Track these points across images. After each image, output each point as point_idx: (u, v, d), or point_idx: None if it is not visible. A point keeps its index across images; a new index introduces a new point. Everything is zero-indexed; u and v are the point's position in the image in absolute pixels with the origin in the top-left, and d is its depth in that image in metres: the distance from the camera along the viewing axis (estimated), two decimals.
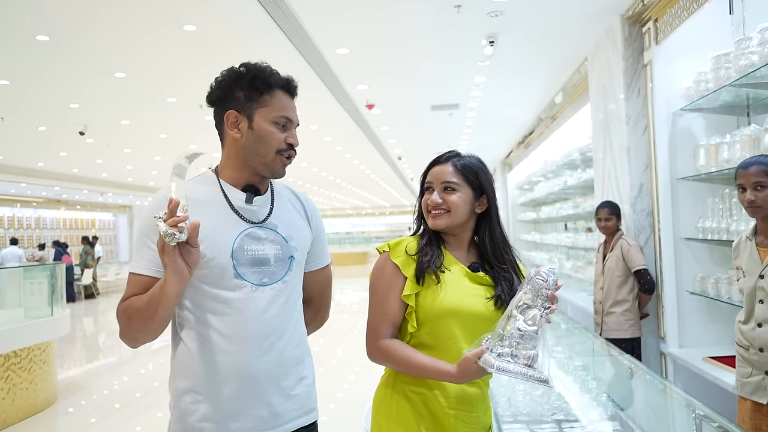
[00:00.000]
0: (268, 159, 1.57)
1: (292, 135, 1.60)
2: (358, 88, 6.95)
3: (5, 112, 8.01)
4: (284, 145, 1.58)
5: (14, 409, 4.98)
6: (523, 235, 11.62)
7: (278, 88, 1.58)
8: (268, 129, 1.56)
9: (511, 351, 1.41)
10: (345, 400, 5.43)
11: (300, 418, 1.59)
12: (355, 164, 15.02)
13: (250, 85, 1.56)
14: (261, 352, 1.52)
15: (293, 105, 1.62)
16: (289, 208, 1.69)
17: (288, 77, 1.62)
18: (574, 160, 6.81)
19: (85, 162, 13.45)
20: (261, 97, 1.56)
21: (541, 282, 1.45)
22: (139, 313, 1.44)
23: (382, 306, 1.64)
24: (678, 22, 3.86)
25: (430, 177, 1.73)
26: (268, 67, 1.60)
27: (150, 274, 1.49)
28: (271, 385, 1.53)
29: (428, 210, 1.70)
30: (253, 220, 1.58)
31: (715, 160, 3.57)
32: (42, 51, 5.46)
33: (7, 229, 17.99)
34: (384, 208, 36.83)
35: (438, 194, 1.68)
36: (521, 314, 1.43)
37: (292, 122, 1.60)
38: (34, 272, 6.24)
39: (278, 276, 1.57)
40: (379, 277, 1.67)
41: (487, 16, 4.64)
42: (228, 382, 1.49)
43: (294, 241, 1.62)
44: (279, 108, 1.57)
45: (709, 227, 3.71)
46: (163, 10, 4.60)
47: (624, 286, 4.15)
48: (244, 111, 1.56)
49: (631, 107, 4.44)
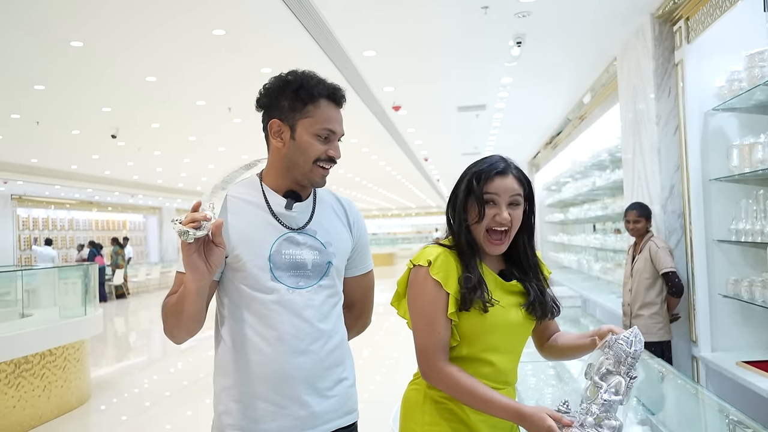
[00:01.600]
0: (306, 170, 1.57)
1: (334, 147, 1.59)
2: (385, 90, 6.96)
3: (40, 117, 8.21)
4: (324, 156, 1.57)
5: (50, 406, 5.10)
6: (551, 236, 11.51)
7: (323, 98, 1.57)
8: (308, 141, 1.56)
9: (595, 421, 1.33)
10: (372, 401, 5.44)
11: (340, 419, 1.60)
12: (382, 166, 15.04)
13: (294, 95, 1.55)
14: (296, 354, 1.54)
15: (338, 116, 1.60)
16: (331, 214, 1.69)
17: (334, 87, 1.59)
18: (602, 160, 6.73)
19: (117, 164, 13.71)
20: (305, 108, 1.55)
21: (623, 347, 1.37)
22: (171, 309, 1.51)
23: (433, 326, 1.55)
24: (710, 20, 3.79)
25: (496, 189, 1.58)
26: (314, 76, 1.58)
27: None
28: (308, 386, 1.55)
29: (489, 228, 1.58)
30: (293, 225, 1.59)
31: (749, 161, 3.49)
32: (76, 56, 5.59)
33: (42, 230, 18.41)
34: (410, 210, 36.83)
35: (506, 210, 1.58)
36: (603, 381, 1.36)
37: (335, 134, 1.59)
38: (68, 273, 6.39)
39: (314, 280, 1.58)
40: (422, 296, 1.57)
41: (514, 16, 4.62)
42: (264, 382, 1.52)
43: (332, 247, 1.63)
44: (322, 120, 1.56)
45: (742, 229, 3.63)
46: (193, 15, 4.67)
47: (652, 289, 4.09)
48: (287, 121, 1.57)
49: (662, 107, 4.37)
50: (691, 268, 4.11)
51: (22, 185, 15.13)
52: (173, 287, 1.56)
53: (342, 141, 1.64)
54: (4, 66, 5.88)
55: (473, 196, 1.60)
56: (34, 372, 4.95)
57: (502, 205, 1.58)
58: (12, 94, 7.05)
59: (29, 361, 4.91)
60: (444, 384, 1.54)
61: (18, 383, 4.78)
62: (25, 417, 4.82)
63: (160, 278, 19.05)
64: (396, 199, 29.66)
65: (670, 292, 4.05)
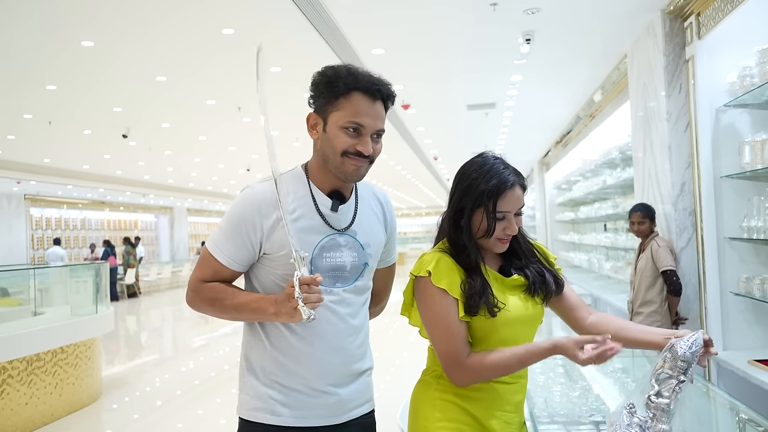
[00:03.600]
0: (337, 162, 1.55)
1: (363, 142, 1.54)
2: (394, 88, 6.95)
3: (52, 117, 8.28)
4: (352, 149, 1.54)
5: (61, 403, 5.14)
6: (561, 235, 11.46)
7: (355, 90, 1.53)
8: (336, 133, 1.54)
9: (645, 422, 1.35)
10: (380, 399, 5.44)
11: (362, 406, 1.68)
12: (391, 165, 15.04)
13: (327, 88, 1.55)
14: (330, 350, 1.60)
15: (371, 110, 1.54)
16: (370, 213, 1.71)
17: (371, 79, 1.56)
18: (613, 158, 6.69)
19: (128, 164, 13.80)
20: (336, 101, 1.54)
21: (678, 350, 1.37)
22: (228, 311, 1.58)
23: (449, 330, 1.55)
24: (721, 15, 3.76)
25: (508, 206, 1.58)
26: (351, 69, 1.56)
27: (227, 264, 1.59)
28: (339, 377, 1.62)
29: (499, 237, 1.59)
30: (337, 227, 1.61)
31: (761, 157, 3.46)
32: (87, 57, 5.63)
33: (54, 230, 18.56)
34: (420, 209, 36.77)
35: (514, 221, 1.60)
36: (659, 385, 1.37)
37: (365, 128, 1.54)
38: (79, 271, 6.43)
39: (350, 281, 1.63)
40: (431, 305, 1.57)
41: (523, 13, 4.60)
42: (297, 375, 1.58)
43: (370, 248, 1.66)
44: (351, 113, 1.53)
45: (754, 226, 3.59)
46: (203, 15, 4.69)
47: (653, 288, 4.12)
48: (321, 113, 1.57)
49: (673, 104, 4.34)
50: (703, 266, 4.08)
51: (35, 185, 15.27)
52: (204, 270, 1.61)
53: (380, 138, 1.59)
54: (16, 67, 5.94)
55: (485, 213, 1.58)
56: (46, 369, 5.00)
57: (512, 218, 1.59)
58: (24, 95, 7.11)
59: (41, 359, 4.96)
60: (476, 375, 1.55)
61: (30, 381, 4.82)
62: (37, 414, 4.86)
63: (171, 277, 19.16)
64: (406, 199, 29.64)
65: (669, 290, 4.07)
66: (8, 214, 15.87)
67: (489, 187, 1.56)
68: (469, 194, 1.59)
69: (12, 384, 4.65)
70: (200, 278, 1.61)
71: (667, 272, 4.06)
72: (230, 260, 1.59)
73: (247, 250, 1.58)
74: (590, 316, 1.71)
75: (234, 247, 1.57)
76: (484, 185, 1.57)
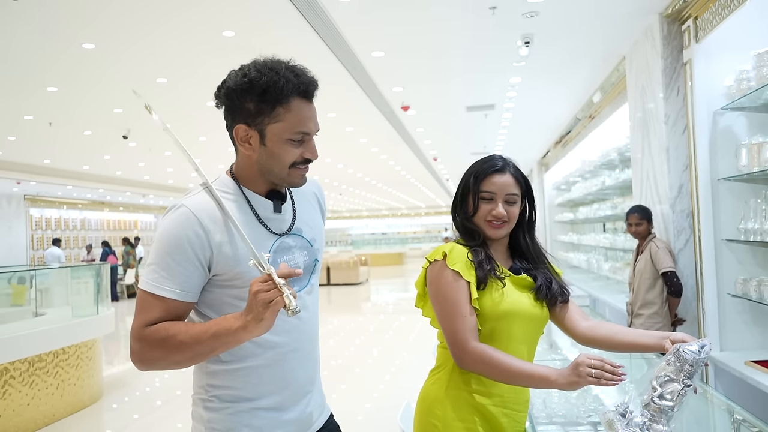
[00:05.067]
0: (284, 174, 1.43)
1: (310, 148, 1.43)
2: (394, 90, 6.98)
3: (53, 118, 8.30)
4: (300, 159, 1.42)
5: (63, 404, 5.17)
6: (560, 236, 11.49)
7: (294, 97, 1.39)
8: (282, 147, 1.40)
9: (644, 423, 1.37)
10: (380, 399, 5.47)
11: (322, 414, 1.60)
12: (391, 165, 15.06)
13: (260, 98, 1.38)
14: (303, 358, 1.50)
15: (311, 113, 1.43)
16: (308, 205, 1.59)
17: (305, 81, 1.41)
18: (612, 160, 6.72)
19: (128, 165, 13.82)
20: (273, 111, 1.38)
21: (686, 355, 1.38)
22: (187, 349, 1.32)
23: (459, 310, 1.60)
24: (719, 19, 3.79)
25: (493, 187, 1.68)
26: (281, 71, 1.39)
27: (175, 297, 1.35)
28: (311, 387, 1.54)
29: (488, 220, 1.68)
30: (281, 230, 1.48)
31: (757, 160, 3.49)
32: (88, 58, 5.65)
33: (54, 230, 18.57)
34: (419, 209, 36.77)
35: (502, 206, 1.67)
36: (661, 387, 1.39)
37: (309, 135, 1.43)
38: (80, 272, 6.45)
39: (305, 281, 1.51)
40: (443, 284, 1.63)
41: (522, 16, 4.62)
42: (272, 392, 1.45)
43: (317, 243, 1.56)
44: (295, 123, 1.39)
45: (751, 228, 3.62)
46: (203, 17, 4.71)
47: (653, 289, 4.15)
48: (254, 126, 1.40)
49: (670, 106, 4.37)
50: (700, 267, 4.11)
51: (35, 186, 15.29)
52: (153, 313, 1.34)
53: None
54: (17, 68, 5.96)
55: (470, 192, 1.71)
56: (47, 370, 5.02)
57: (498, 201, 1.67)
58: (25, 96, 7.13)
59: (43, 360, 4.98)
60: (480, 363, 1.56)
61: (32, 381, 4.85)
62: (38, 414, 4.89)
63: None
64: (406, 199, 29.66)
65: (669, 291, 4.10)
66: (8, 214, 15.89)
67: (478, 168, 1.72)
68: (463, 180, 1.75)
69: (14, 385, 4.68)
70: (144, 324, 1.34)
71: (668, 273, 4.09)
72: (181, 291, 1.35)
73: (198, 274, 1.36)
74: (585, 321, 1.73)
75: (182, 275, 1.34)
76: (475, 168, 1.74)
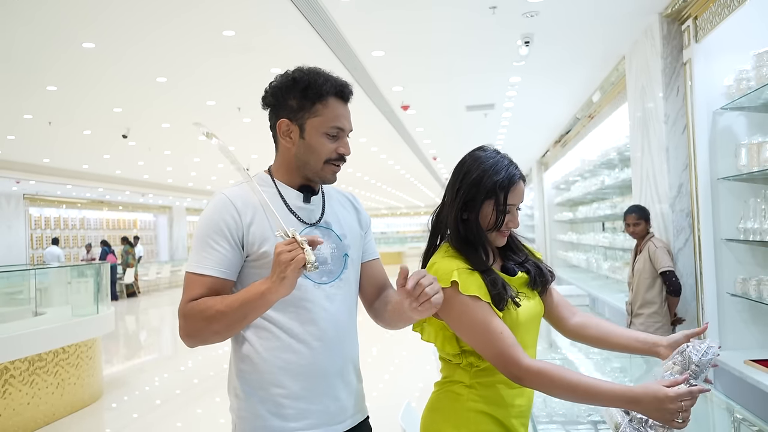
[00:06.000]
0: (318, 168, 1.57)
1: (344, 144, 1.59)
2: (394, 89, 6.99)
3: (53, 117, 8.30)
4: (335, 155, 1.58)
5: (63, 403, 5.17)
6: (560, 235, 11.50)
7: (331, 96, 1.55)
8: (319, 140, 1.55)
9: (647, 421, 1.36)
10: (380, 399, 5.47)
11: (359, 413, 1.64)
12: (390, 165, 15.07)
13: (302, 94, 1.54)
14: (329, 349, 1.55)
15: (346, 112, 1.60)
16: (340, 208, 1.70)
17: (341, 83, 1.58)
18: (611, 159, 6.73)
19: (128, 164, 13.82)
20: (313, 107, 1.54)
21: (691, 355, 1.37)
22: (223, 317, 1.43)
23: (493, 331, 1.47)
24: (718, 19, 3.79)
25: (516, 200, 1.60)
26: (321, 73, 1.57)
27: (215, 275, 1.48)
28: (339, 380, 1.57)
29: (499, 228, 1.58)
30: (309, 220, 1.60)
31: (757, 160, 3.49)
32: (88, 58, 5.65)
33: (54, 230, 18.57)
34: (419, 208, 36.79)
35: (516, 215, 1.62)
36: None
37: (344, 131, 1.59)
38: (80, 271, 6.46)
39: (336, 274, 1.59)
40: (467, 313, 1.49)
41: (522, 16, 4.63)
42: (297, 380, 1.51)
43: (347, 239, 1.64)
44: (331, 118, 1.55)
45: (750, 228, 3.63)
46: (203, 17, 4.72)
47: (652, 289, 4.16)
48: (296, 120, 1.56)
49: (670, 106, 4.38)
50: (700, 267, 4.12)
51: (34, 185, 15.28)
52: (196, 290, 1.48)
53: (350, 137, 1.65)
54: (17, 67, 5.96)
55: (495, 206, 1.57)
56: (47, 369, 5.02)
57: (515, 212, 1.61)
58: (25, 95, 7.13)
59: (43, 359, 4.98)
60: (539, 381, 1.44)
61: (32, 380, 4.85)
62: (38, 414, 4.89)
63: (171, 277, 19.17)
64: (405, 198, 29.68)
65: (668, 291, 4.11)
66: (7, 213, 15.88)
67: (500, 179, 1.56)
68: (480, 186, 1.57)
69: (14, 384, 4.68)
70: (188, 300, 1.48)
71: (666, 273, 4.11)
72: (220, 269, 1.49)
73: (234, 253, 1.51)
74: (574, 317, 1.71)
75: (219, 253, 1.49)
76: (495, 177, 1.56)
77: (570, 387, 1.40)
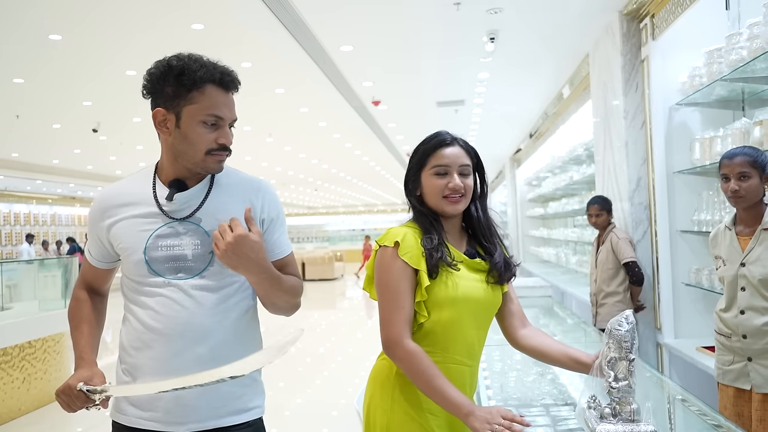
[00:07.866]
0: (198, 159, 1.51)
1: (224, 134, 1.51)
2: (364, 84, 7.03)
3: (20, 110, 8.20)
4: (215, 145, 1.51)
5: (29, 398, 5.14)
6: (532, 230, 11.64)
7: (209, 83, 1.49)
8: (195, 129, 1.49)
9: (612, 410, 1.42)
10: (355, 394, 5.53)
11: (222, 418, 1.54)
12: (365, 161, 15.11)
13: (177, 81, 1.48)
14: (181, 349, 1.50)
15: (227, 101, 1.53)
16: (229, 201, 1.58)
17: (222, 70, 1.52)
18: (579, 155, 6.84)
19: (99, 159, 13.67)
20: (189, 94, 1.48)
21: (619, 331, 1.44)
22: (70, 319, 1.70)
23: (398, 301, 1.59)
24: (673, 17, 3.91)
25: (446, 160, 1.66)
26: (199, 59, 1.51)
27: (92, 263, 1.69)
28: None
29: (444, 194, 1.66)
30: (175, 216, 1.54)
31: (709, 154, 3.62)
32: (55, 50, 5.61)
33: (24, 226, 18.28)
34: (396, 205, 36.88)
35: (458, 178, 1.65)
36: (612, 370, 1.43)
37: (224, 120, 1.51)
38: (48, 266, 6.40)
39: (196, 271, 1.53)
40: (388, 274, 1.61)
41: (486, 12, 4.70)
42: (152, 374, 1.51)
43: None
44: (208, 106, 1.48)
45: (704, 219, 3.76)
46: (172, 9, 4.72)
47: (615, 279, 4.26)
48: (171, 109, 1.49)
49: (630, 102, 4.49)
50: (656, 258, 4.24)
51: (2, 180, 15.05)
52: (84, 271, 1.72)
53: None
54: None
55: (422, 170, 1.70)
56: (13, 364, 4.99)
57: (453, 174, 1.66)
58: None
59: (8, 354, 4.94)
60: (405, 361, 1.56)
61: None
62: (4, 409, 4.85)
63: None
64: (381, 195, 29.75)
65: (632, 281, 4.20)
66: None
67: (427, 146, 1.71)
68: (415, 158, 1.73)
69: None
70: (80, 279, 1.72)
71: (629, 263, 4.19)
72: (93, 259, 1.68)
73: (101, 247, 1.63)
74: (523, 328, 1.76)
75: (93, 246, 1.66)
76: (423, 145, 1.72)
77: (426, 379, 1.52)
